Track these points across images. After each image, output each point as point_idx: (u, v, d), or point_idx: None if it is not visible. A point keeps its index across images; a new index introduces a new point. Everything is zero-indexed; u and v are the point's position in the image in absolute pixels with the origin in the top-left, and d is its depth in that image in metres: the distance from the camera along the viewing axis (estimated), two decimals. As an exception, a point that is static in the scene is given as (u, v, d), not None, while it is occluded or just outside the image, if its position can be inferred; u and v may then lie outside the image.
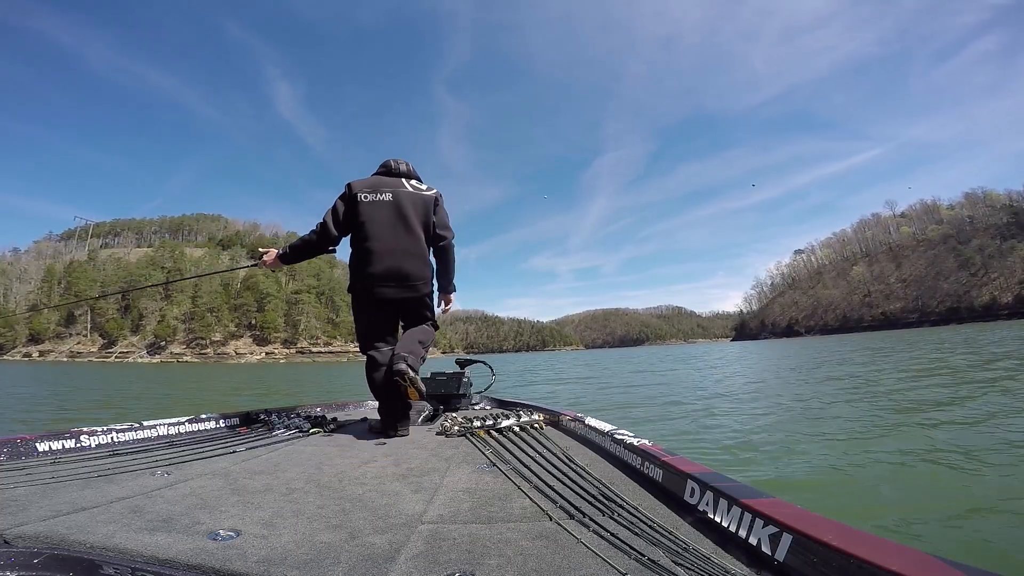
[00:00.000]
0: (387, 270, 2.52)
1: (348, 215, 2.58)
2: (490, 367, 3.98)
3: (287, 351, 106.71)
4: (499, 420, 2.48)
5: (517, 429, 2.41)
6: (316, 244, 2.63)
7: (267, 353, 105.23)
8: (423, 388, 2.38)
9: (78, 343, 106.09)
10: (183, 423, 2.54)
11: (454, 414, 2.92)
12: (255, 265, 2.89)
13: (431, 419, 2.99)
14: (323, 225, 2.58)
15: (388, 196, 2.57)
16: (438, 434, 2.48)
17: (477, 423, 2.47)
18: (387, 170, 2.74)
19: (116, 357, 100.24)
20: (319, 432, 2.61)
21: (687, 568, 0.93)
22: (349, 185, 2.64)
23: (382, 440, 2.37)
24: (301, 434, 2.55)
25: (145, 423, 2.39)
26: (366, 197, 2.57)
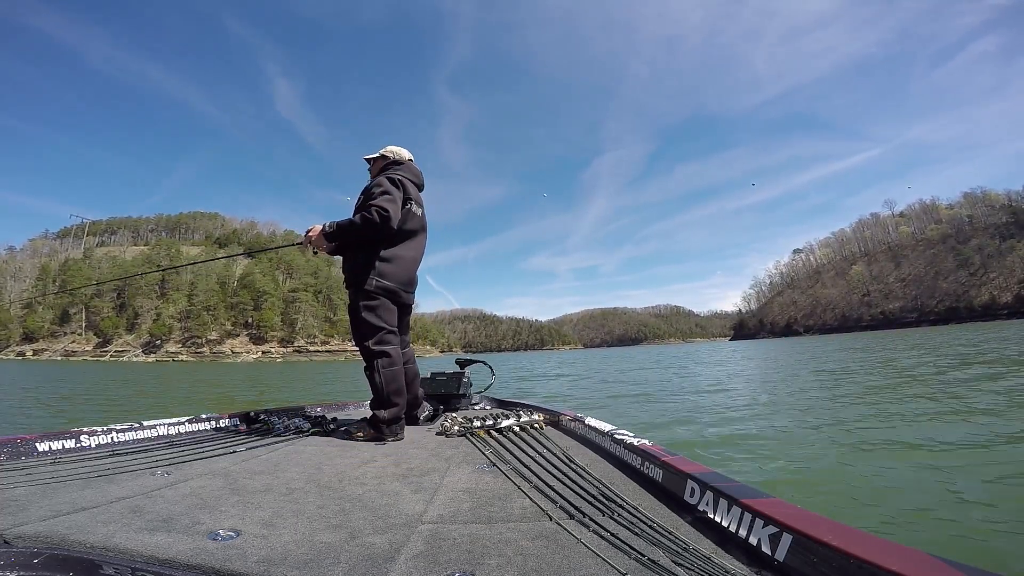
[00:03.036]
0: (411, 278, 2.70)
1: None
2: (490, 367, 3.99)
3: (284, 350, 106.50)
4: (499, 420, 2.48)
5: (517, 429, 2.42)
6: (369, 235, 2.45)
7: (263, 352, 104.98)
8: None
9: (73, 342, 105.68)
10: (183, 423, 2.54)
11: (454, 414, 2.92)
12: (299, 244, 2.75)
13: (431, 419, 2.99)
14: (388, 220, 2.41)
15: (421, 211, 2.72)
16: (438, 434, 2.48)
17: (477, 423, 2.47)
18: (418, 180, 2.78)
19: (111, 356, 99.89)
20: (319, 432, 2.61)
21: (687, 568, 0.93)
22: (404, 186, 2.58)
23: (382, 440, 2.38)
24: (301, 434, 2.55)
25: (145, 423, 2.38)
26: (415, 208, 2.65)
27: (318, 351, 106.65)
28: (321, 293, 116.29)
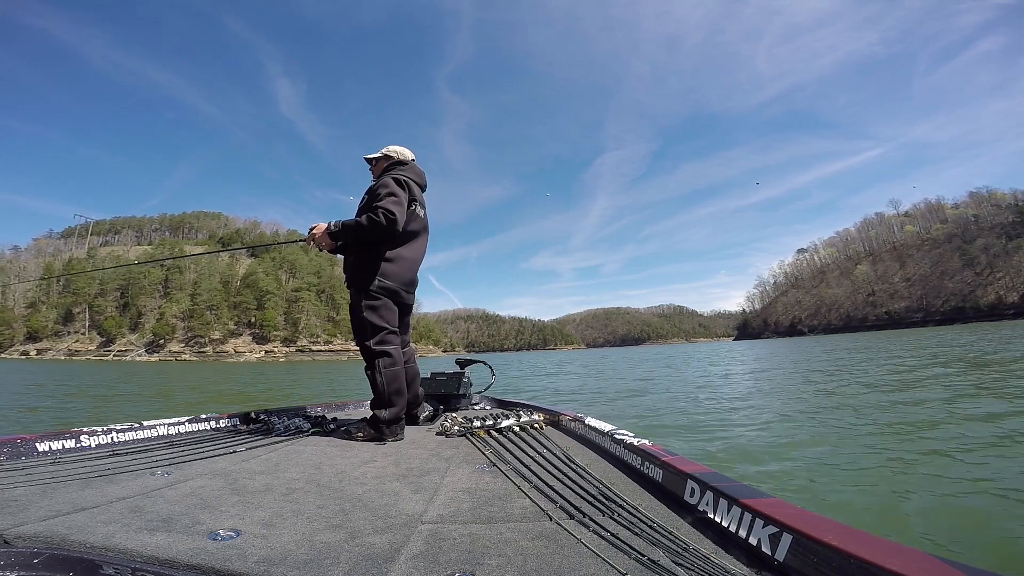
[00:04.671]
0: (413, 278, 2.71)
1: None
2: (490, 367, 3.98)
3: (287, 349, 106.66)
4: (499, 420, 2.48)
5: (517, 429, 2.42)
6: (375, 236, 2.45)
7: (266, 352, 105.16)
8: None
9: (76, 341, 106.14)
10: (183, 423, 2.54)
11: (454, 414, 2.92)
12: (303, 241, 2.70)
13: (431, 419, 2.99)
14: (395, 223, 2.41)
15: (423, 212, 2.72)
16: (438, 434, 2.48)
17: (477, 423, 2.47)
18: (421, 181, 2.78)
19: (115, 356, 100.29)
20: (319, 432, 2.61)
21: (687, 568, 0.93)
22: (409, 187, 2.59)
23: (382, 440, 2.37)
24: (301, 434, 2.55)
25: (145, 423, 2.39)
26: (418, 209, 2.66)
27: (321, 351, 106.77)
28: (324, 292, 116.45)
